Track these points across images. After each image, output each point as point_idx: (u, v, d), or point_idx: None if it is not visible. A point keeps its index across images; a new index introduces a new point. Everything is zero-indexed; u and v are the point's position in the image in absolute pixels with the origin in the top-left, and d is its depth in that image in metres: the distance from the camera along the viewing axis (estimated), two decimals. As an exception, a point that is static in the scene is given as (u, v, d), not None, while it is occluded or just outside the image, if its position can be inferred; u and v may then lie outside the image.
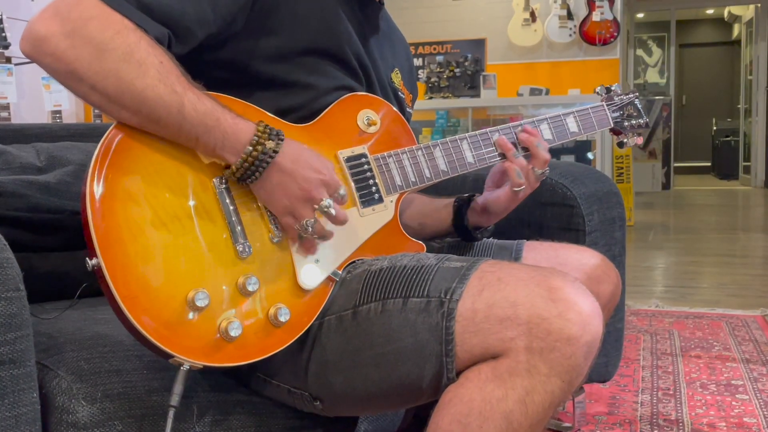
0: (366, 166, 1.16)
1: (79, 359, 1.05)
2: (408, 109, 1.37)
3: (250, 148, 0.99)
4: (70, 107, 3.79)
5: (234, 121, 1.00)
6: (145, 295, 0.93)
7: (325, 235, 1.06)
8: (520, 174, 1.24)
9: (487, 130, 1.27)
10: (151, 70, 0.95)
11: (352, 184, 1.14)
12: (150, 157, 0.98)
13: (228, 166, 1.01)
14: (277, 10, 1.11)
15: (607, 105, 1.41)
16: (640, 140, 1.44)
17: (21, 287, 0.89)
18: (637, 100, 1.44)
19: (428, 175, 1.21)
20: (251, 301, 1.00)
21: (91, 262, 0.92)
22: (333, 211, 1.03)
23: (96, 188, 0.93)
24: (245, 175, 1.00)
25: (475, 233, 1.35)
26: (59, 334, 1.14)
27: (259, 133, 1.00)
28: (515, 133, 1.28)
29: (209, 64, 1.11)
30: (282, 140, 1.01)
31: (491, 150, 1.27)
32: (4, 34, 3.34)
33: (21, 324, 0.89)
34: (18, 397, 0.89)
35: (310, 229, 1.02)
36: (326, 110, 1.15)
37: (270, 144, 1.00)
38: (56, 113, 3.63)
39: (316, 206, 1.02)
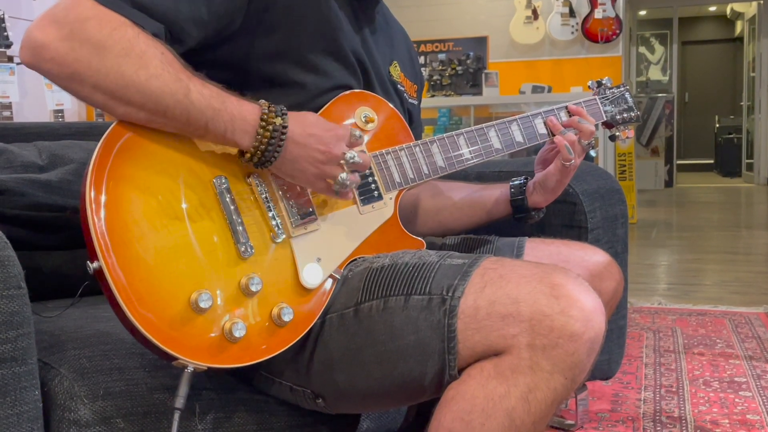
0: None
1: (80, 357, 1.05)
2: (410, 100, 1.36)
3: (260, 129, 0.99)
4: (72, 106, 3.80)
5: (239, 102, 1.00)
6: (148, 298, 0.92)
7: (359, 181, 1.08)
8: (570, 149, 1.28)
9: (483, 125, 1.28)
10: (154, 60, 0.95)
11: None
12: (150, 158, 0.98)
13: (242, 153, 1.01)
14: (274, 8, 1.10)
15: (600, 99, 1.41)
16: (631, 133, 1.45)
17: (22, 285, 0.89)
18: (627, 93, 1.45)
19: (426, 172, 1.21)
20: (254, 302, 1.00)
21: (92, 265, 0.91)
22: (359, 159, 1.04)
23: (95, 190, 0.92)
24: (263, 159, 1.01)
25: (533, 213, 1.36)
26: (61, 332, 1.14)
27: (265, 113, 1.00)
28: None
29: (208, 64, 1.10)
30: (286, 114, 1.02)
31: (488, 145, 1.28)
32: (5, 34, 3.35)
33: (22, 322, 0.89)
34: (20, 395, 0.89)
35: (347, 182, 1.04)
36: (324, 108, 1.15)
37: (278, 120, 1.00)
38: (58, 112, 3.63)
39: (342, 161, 1.04)
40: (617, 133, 1.45)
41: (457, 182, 1.43)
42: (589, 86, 1.45)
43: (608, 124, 1.43)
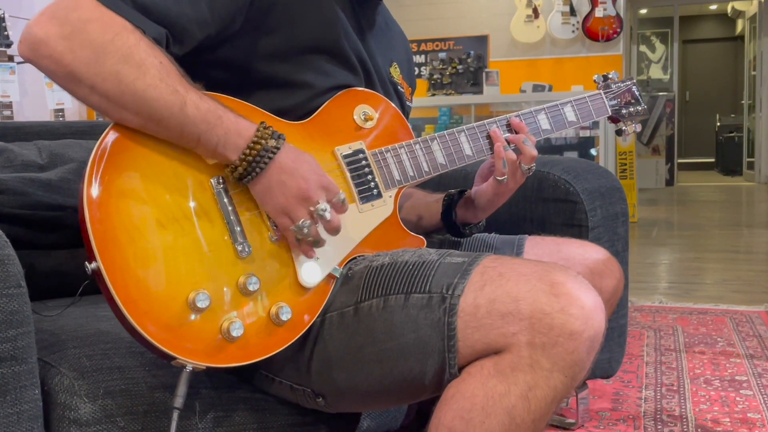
0: (364, 162, 1.15)
1: (80, 356, 1.05)
2: (408, 103, 1.36)
3: (252, 144, 0.99)
4: (72, 105, 3.80)
5: (236, 120, 1.00)
6: (146, 298, 0.93)
7: (318, 241, 1.04)
8: (505, 163, 1.24)
9: (485, 122, 1.27)
10: (152, 70, 0.95)
11: (350, 180, 1.13)
12: (147, 159, 0.98)
13: (228, 165, 1.01)
14: (275, 8, 1.10)
15: (605, 93, 1.40)
16: (638, 127, 1.44)
17: (22, 284, 0.89)
18: (634, 87, 1.43)
19: (426, 169, 1.21)
20: (252, 301, 1.00)
21: (90, 266, 0.91)
22: (328, 215, 1.01)
23: (93, 191, 0.92)
24: (245, 173, 1.00)
25: (464, 229, 1.35)
26: (61, 331, 1.15)
27: (261, 132, 1.00)
28: (496, 127, 1.27)
29: (208, 64, 1.11)
30: (283, 140, 1.01)
31: (489, 142, 1.26)
32: (6, 33, 3.35)
33: (22, 321, 0.89)
34: (20, 393, 0.89)
35: (306, 230, 1.01)
36: (323, 107, 1.15)
37: (272, 142, 1.00)
38: (59, 111, 3.63)
39: (312, 208, 1.01)
40: (624, 128, 1.43)
41: (412, 189, 1.41)
42: (594, 80, 1.43)
43: (614, 119, 1.42)
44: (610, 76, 1.42)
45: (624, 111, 1.41)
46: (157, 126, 0.97)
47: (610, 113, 1.40)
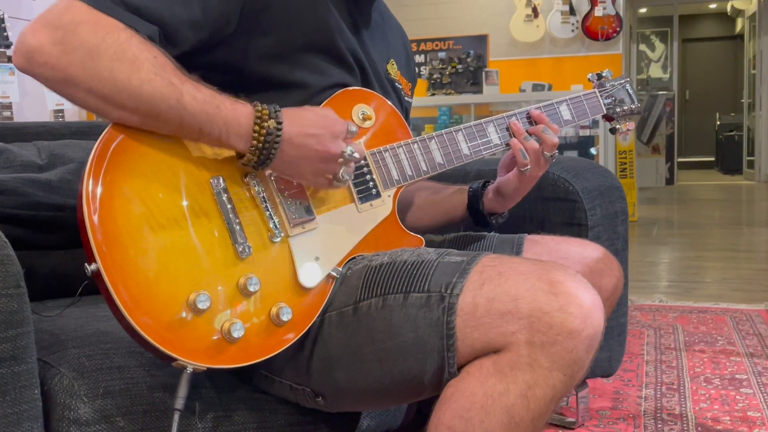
0: (362, 162, 1.15)
1: (80, 356, 1.05)
2: (407, 99, 1.36)
3: (255, 133, 0.99)
4: (72, 106, 3.79)
5: (233, 106, 0.99)
6: (146, 299, 0.92)
7: (352, 171, 1.08)
8: (524, 154, 1.25)
9: (482, 121, 1.27)
10: (146, 65, 0.95)
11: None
12: (146, 159, 0.98)
13: (241, 155, 1.01)
14: (269, 9, 1.10)
15: (599, 91, 1.40)
16: (632, 126, 1.44)
17: (22, 284, 0.89)
18: (628, 85, 1.43)
19: (425, 169, 1.21)
20: (253, 302, 1.00)
21: (90, 267, 0.91)
22: (357, 155, 1.05)
23: (92, 192, 0.92)
24: (260, 161, 1.00)
25: (490, 218, 1.36)
26: (61, 331, 1.15)
27: (258, 115, 1.00)
28: (515, 120, 1.29)
29: (203, 67, 1.10)
30: (279, 112, 1.01)
31: (486, 141, 1.27)
32: (5, 34, 3.35)
33: (22, 321, 0.89)
34: (20, 393, 0.89)
35: (346, 177, 1.05)
36: (321, 106, 1.15)
37: (272, 123, 1.00)
38: (58, 112, 3.63)
39: (341, 159, 1.04)
40: (618, 126, 1.44)
41: (429, 182, 1.42)
42: (589, 79, 1.44)
43: (608, 117, 1.43)
44: (603, 74, 1.42)
45: (618, 109, 1.42)
46: (156, 121, 0.97)
47: (605, 111, 1.40)
